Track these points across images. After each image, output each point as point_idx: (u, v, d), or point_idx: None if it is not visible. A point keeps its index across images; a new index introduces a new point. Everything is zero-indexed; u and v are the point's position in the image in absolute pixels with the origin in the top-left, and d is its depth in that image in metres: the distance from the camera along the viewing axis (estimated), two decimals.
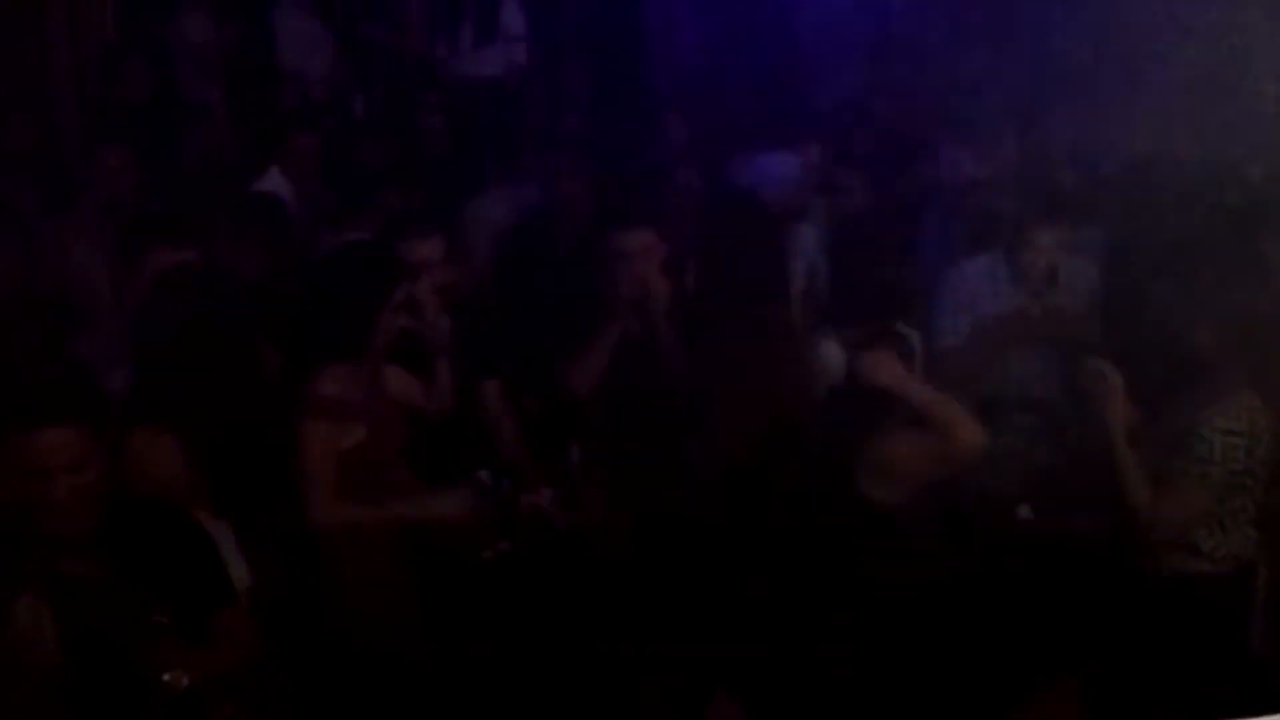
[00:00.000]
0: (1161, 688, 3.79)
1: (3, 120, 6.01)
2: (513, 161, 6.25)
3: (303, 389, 3.58)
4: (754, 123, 6.81)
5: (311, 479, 3.51)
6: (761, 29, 8.42)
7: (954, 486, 3.90)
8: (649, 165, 6.30)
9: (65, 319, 4.20)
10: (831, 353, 4.15)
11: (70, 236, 4.95)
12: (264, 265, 4.47)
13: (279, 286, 4.37)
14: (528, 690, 3.71)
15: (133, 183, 5.14)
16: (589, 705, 3.75)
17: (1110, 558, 3.94)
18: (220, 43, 7.85)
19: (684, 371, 4.23)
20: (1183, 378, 3.76)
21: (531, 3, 8.36)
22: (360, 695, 3.43)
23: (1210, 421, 3.63)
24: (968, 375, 4.59)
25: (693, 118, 6.85)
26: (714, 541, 3.77)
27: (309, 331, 3.70)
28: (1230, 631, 3.85)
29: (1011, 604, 3.96)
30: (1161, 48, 6.10)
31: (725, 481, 3.93)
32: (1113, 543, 3.93)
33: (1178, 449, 3.67)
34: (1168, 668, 3.78)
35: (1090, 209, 4.94)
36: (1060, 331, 4.55)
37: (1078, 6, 6.85)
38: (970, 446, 3.56)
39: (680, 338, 4.36)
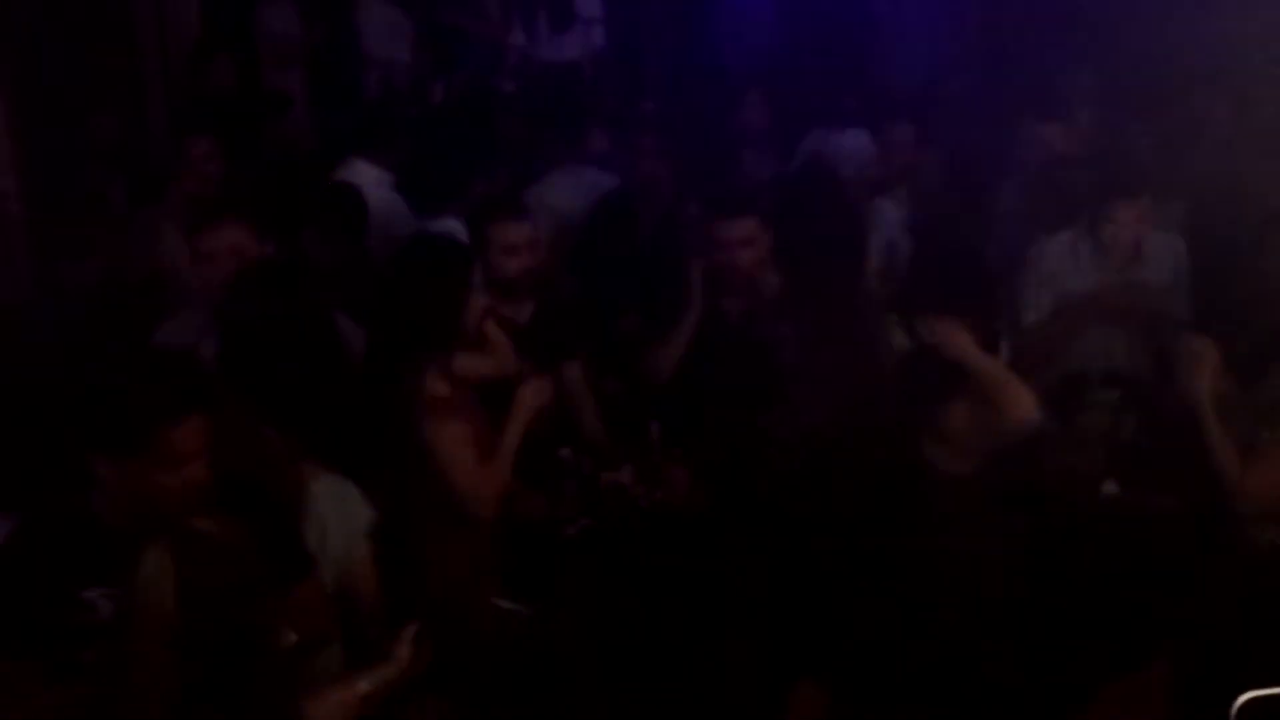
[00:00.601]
0: (1254, 666, 3.73)
1: (96, 116, 6.20)
2: (593, 144, 6.25)
3: (415, 392, 3.59)
4: (832, 101, 6.79)
5: (458, 475, 3.56)
6: (840, 5, 8.39)
7: (1036, 461, 3.86)
8: (730, 145, 6.28)
9: (155, 308, 4.27)
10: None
11: (159, 226, 5.04)
12: (346, 256, 4.54)
13: (364, 278, 4.44)
14: (606, 665, 3.73)
15: (219, 173, 5.21)
16: (670, 685, 3.77)
17: (1199, 534, 3.89)
18: (303, 33, 8.00)
19: (770, 349, 4.24)
20: (1274, 349, 3.71)
21: None
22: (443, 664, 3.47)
23: None
24: (1051, 351, 4.58)
25: (772, 96, 6.82)
26: (792, 516, 3.78)
27: (398, 325, 3.71)
28: None
29: (1099, 581, 3.90)
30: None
31: (805, 456, 3.92)
32: (1202, 518, 3.88)
33: (1267, 420, 3.61)
34: (1261, 645, 3.71)
35: (1172, 183, 4.85)
36: (1146, 305, 4.50)
37: None
38: (1021, 420, 3.48)
39: (771, 318, 4.39)
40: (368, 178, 5.53)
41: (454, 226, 4.98)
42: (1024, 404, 3.48)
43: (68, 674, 2.44)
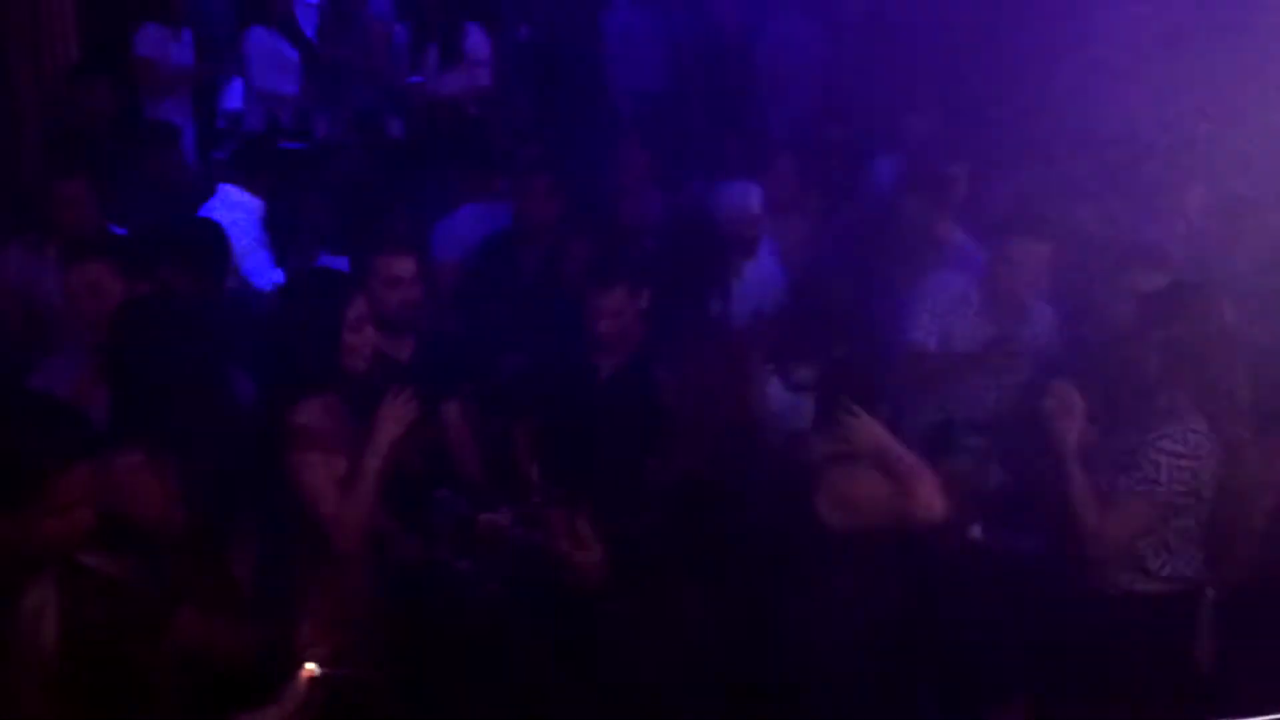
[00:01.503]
0: (1111, 705, 3.86)
1: None
2: (477, 182, 6.27)
3: (284, 421, 3.53)
4: (711, 148, 6.92)
5: (321, 505, 3.48)
6: (718, 55, 8.56)
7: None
8: (609, 191, 6.34)
9: (31, 346, 4.16)
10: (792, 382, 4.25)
11: (34, 262, 4.94)
12: (210, 291, 4.45)
13: (242, 313, 4.38)
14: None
15: (93, 211, 5.10)
16: None
17: (1060, 577, 4.02)
18: (188, 61, 7.88)
19: (643, 394, 4.30)
20: (1133, 401, 3.85)
21: (495, 28, 8.43)
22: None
23: (1157, 443, 3.72)
24: (923, 391, 4.71)
25: (652, 142, 6.92)
26: (672, 561, 3.81)
27: (279, 360, 3.67)
28: (1177, 649, 3.91)
29: (964, 624, 4.01)
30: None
31: (684, 501, 3.96)
32: (1062, 562, 4.02)
33: (1126, 469, 3.75)
34: (1117, 685, 3.84)
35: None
36: (1024, 362, 4.64)
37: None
38: (929, 513, 3.61)
39: (642, 365, 4.47)
40: (238, 206, 5.47)
41: (329, 264, 4.96)
42: (935, 498, 3.59)
43: None
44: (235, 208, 5.49)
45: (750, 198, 5.60)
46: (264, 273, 5.36)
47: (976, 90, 7.26)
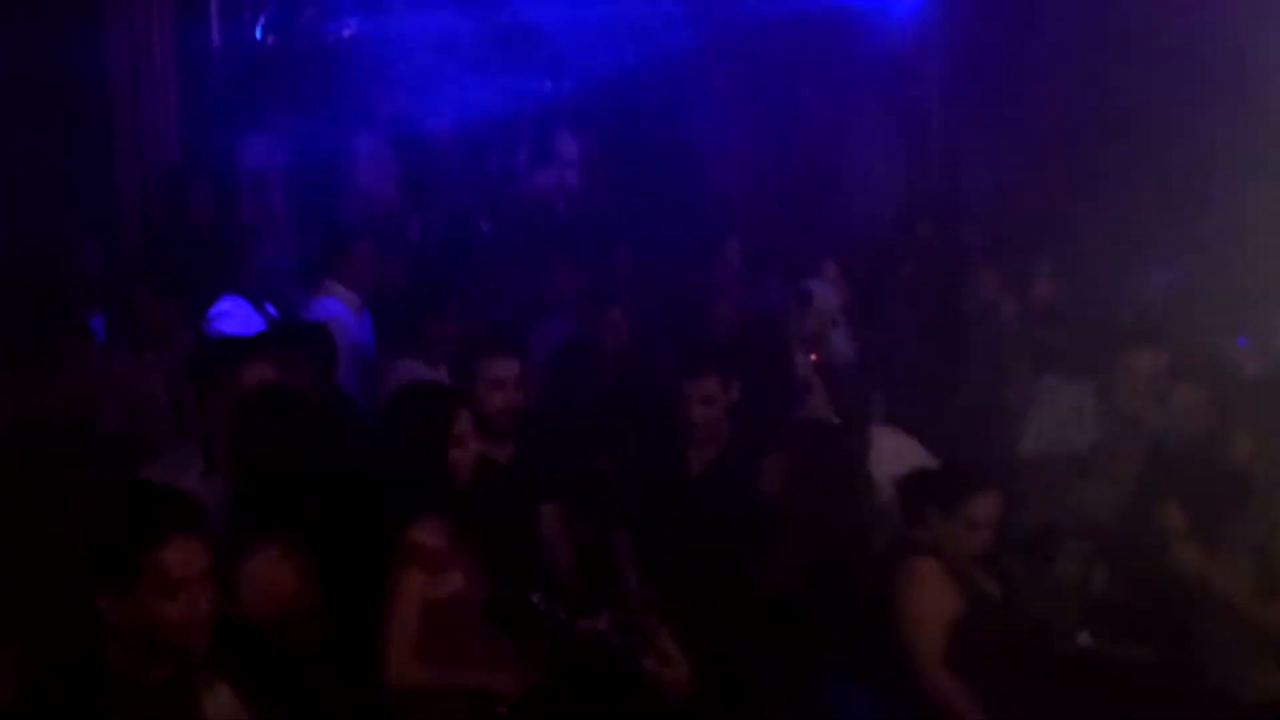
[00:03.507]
0: None
1: (77, 246, 6.23)
2: (567, 286, 6.33)
3: (398, 535, 3.56)
4: (797, 249, 6.96)
5: (393, 633, 3.48)
6: (805, 163, 8.64)
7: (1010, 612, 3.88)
8: (701, 293, 6.37)
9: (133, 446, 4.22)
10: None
11: (134, 367, 5.08)
12: (325, 392, 4.52)
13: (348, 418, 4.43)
14: None
15: (177, 321, 5.30)
16: None
17: (1176, 685, 3.91)
18: (284, 162, 8.10)
19: (734, 493, 4.26)
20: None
21: (583, 130, 8.59)
22: None
23: None
24: (1031, 496, 4.62)
25: (747, 244, 6.97)
26: (770, 668, 3.75)
27: (385, 475, 3.70)
28: None
29: None
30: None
31: (781, 608, 3.91)
32: (1178, 670, 3.91)
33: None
34: None
35: None
36: (1134, 468, 4.54)
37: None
38: None
39: (732, 462, 4.45)
40: (338, 302, 5.60)
41: (415, 366, 4.98)
42: None
43: None
44: (333, 309, 5.57)
45: (828, 295, 5.62)
46: (364, 377, 5.43)
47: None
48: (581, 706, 3.65)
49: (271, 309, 5.89)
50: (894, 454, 4.48)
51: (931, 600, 3.69)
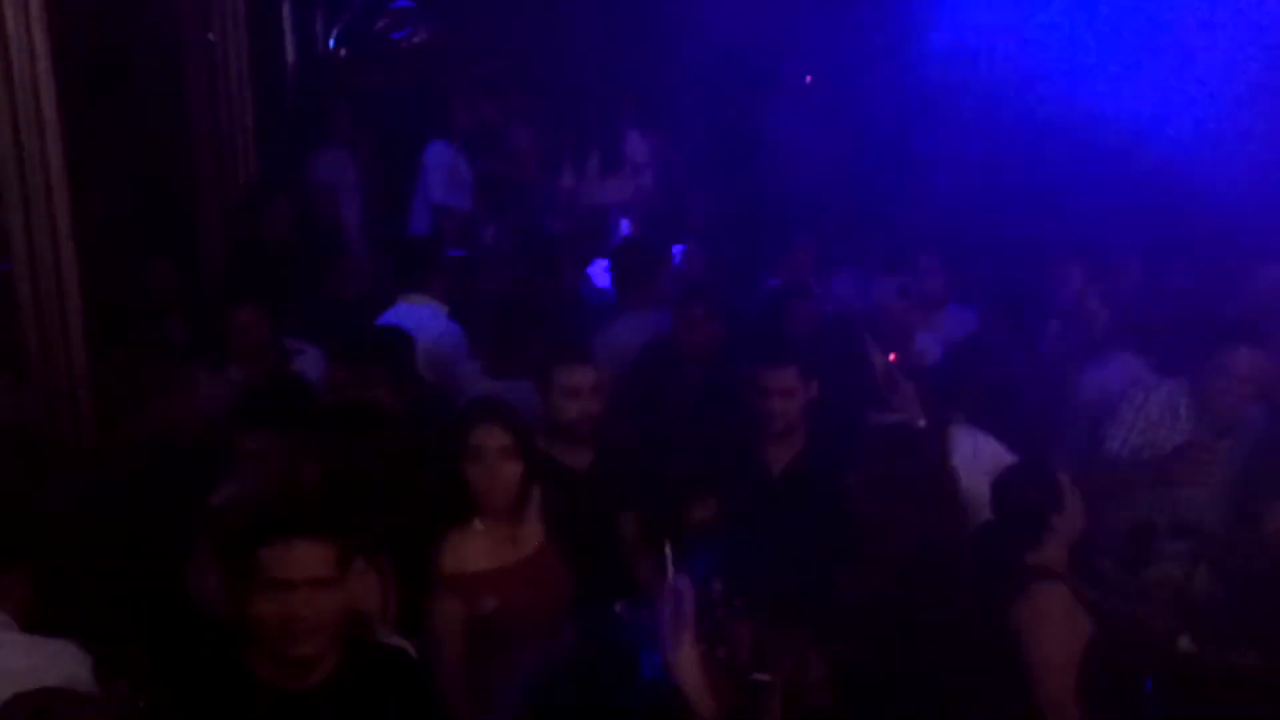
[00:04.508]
0: None
1: (156, 264, 6.32)
2: (642, 290, 6.28)
3: (430, 560, 3.54)
4: (864, 243, 6.86)
5: (439, 656, 3.46)
6: (875, 155, 8.52)
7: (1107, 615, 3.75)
8: (777, 294, 6.28)
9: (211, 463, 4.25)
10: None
11: (216, 384, 5.09)
12: (406, 401, 4.51)
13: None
14: None
15: (266, 334, 5.28)
16: None
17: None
18: (357, 177, 8.16)
19: (824, 502, 4.17)
20: None
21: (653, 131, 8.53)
22: None
23: None
24: (1122, 494, 4.49)
25: (818, 243, 6.88)
26: (862, 675, 3.66)
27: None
28: None
29: None
30: None
31: (874, 615, 3.81)
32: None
33: None
34: None
35: None
36: (1233, 468, 4.39)
37: None
38: None
39: (814, 461, 4.36)
40: (420, 314, 5.59)
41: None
42: None
43: None
44: (410, 318, 5.57)
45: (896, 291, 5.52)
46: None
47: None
48: None
49: None
50: (970, 455, 4.39)
51: (1065, 633, 3.56)
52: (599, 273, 7.08)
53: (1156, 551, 4.25)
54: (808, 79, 8.81)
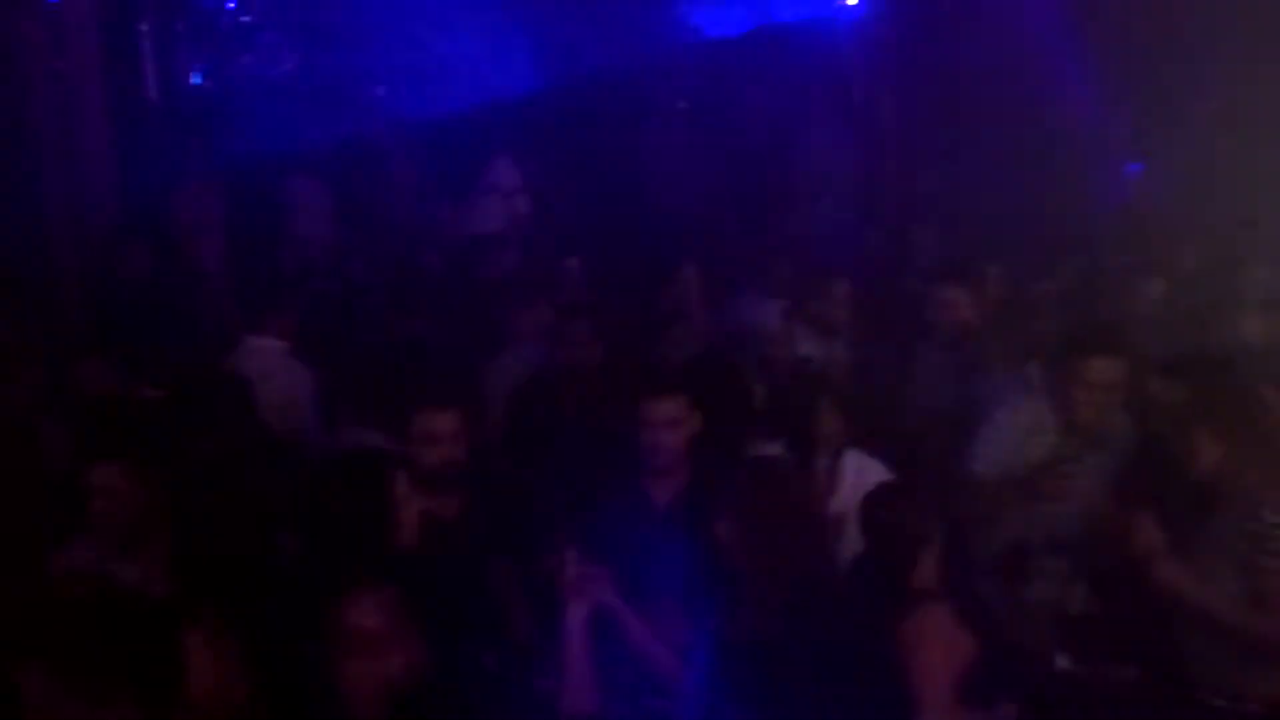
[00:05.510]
0: None
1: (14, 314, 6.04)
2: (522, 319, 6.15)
3: (333, 617, 3.31)
4: (756, 269, 6.81)
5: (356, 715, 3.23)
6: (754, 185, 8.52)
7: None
8: (659, 319, 6.20)
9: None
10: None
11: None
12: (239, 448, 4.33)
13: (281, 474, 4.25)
14: None
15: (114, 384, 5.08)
16: None
17: (1161, 704, 3.77)
18: (221, 213, 7.92)
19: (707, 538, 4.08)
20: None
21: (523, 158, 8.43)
22: None
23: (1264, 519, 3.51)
24: (994, 514, 4.48)
25: (704, 269, 6.81)
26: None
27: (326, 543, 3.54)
28: None
29: None
30: None
31: (751, 651, 3.73)
32: (1164, 688, 3.77)
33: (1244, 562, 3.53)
34: None
35: None
36: (1101, 481, 4.39)
37: None
38: None
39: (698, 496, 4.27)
40: (267, 353, 5.39)
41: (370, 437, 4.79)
42: None
43: None
44: (265, 356, 5.37)
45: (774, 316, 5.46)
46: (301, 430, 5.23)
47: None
48: None
49: None
50: (856, 479, 4.34)
51: (948, 654, 3.51)
52: None
53: (1035, 569, 4.23)
54: (681, 104, 8.78)
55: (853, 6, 8.68)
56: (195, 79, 9.75)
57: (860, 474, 4.42)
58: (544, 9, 9.30)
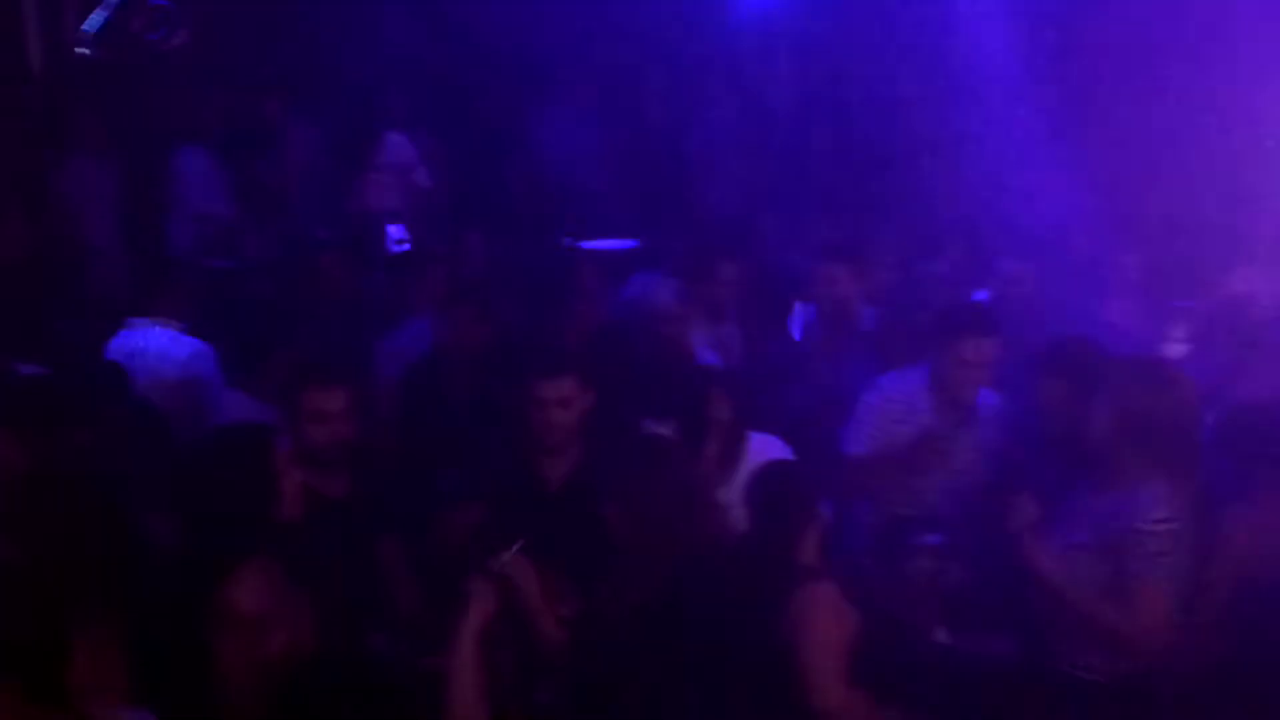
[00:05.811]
0: None
1: None
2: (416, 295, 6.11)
3: (213, 595, 3.30)
4: (645, 243, 6.84)
5: (236, 697, 3.23)
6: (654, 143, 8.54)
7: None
8: (555, 299, 6.20)
9: None
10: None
11: None
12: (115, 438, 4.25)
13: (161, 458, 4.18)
14: None
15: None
16: None
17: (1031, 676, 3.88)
18: (113, 187, 7.73)
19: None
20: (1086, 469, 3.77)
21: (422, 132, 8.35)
22: None
23: (1147, 515, 3.57)
24: (870, 490, 4.60)
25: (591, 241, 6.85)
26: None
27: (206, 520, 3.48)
28: None
29: None
30: None
31: (638, 628, 3.77)
32: (1033, 661, 3.88)
33: (1120, 549, 3.61)
34: None
35: None
36: (975, 458, 4.51)
37: None
38: None
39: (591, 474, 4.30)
40: (159, 337, 5.30)
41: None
42: None
43: None
44: (156, 339, 5.27)
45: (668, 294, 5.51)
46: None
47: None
48: None
49: None
50: (758, 458, 4.39)
51: (835, 630, 3.60)
52: None
53: (912, 545, 4.32)
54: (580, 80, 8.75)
55: None
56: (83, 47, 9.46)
57: (763, 456, 4.48)
58: None
